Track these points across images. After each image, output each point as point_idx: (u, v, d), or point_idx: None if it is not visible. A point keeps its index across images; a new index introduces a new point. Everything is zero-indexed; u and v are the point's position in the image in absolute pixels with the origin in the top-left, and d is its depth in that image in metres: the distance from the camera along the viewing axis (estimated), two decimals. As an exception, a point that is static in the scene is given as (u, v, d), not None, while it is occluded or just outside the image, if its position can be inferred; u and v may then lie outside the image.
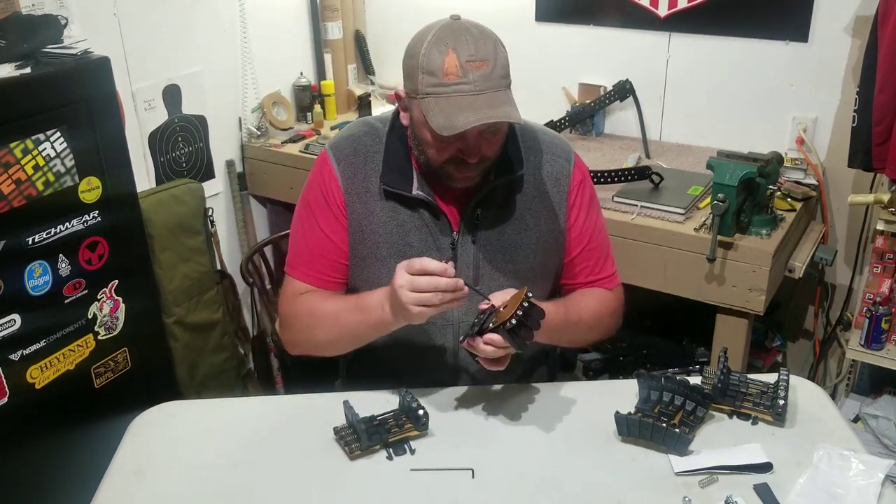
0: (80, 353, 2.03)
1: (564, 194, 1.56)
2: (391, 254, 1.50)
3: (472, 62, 1.31)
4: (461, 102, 1.31)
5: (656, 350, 2.70)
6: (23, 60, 1.90)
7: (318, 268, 1.54)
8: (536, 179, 1.54)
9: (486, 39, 1.35)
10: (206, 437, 1.46)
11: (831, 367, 2.75)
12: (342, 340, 1.52)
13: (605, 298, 1.63)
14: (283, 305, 1.57)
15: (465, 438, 1.40)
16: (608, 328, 1.65)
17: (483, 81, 1.32)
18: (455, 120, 1.30)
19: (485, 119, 1.30)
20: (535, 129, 1.60)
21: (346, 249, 1.54)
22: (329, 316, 1.49)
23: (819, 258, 2.37)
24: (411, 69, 1.37)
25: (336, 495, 1.30)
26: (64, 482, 1.99)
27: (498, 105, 1.32)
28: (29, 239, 1.85)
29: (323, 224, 1.53)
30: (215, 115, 2.75)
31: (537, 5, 2.82)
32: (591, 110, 2.74)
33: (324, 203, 1.53)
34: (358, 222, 1.52)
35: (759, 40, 2.49)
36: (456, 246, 1.50)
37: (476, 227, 1.50)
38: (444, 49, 1.32)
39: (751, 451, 1.33)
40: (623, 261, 2.26)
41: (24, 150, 1.82)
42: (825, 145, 2.50)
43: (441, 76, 1.32)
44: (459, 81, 1.31)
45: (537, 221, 1.54)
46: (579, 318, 1.55)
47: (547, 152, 1.56)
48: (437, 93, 1.32)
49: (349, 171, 1.52)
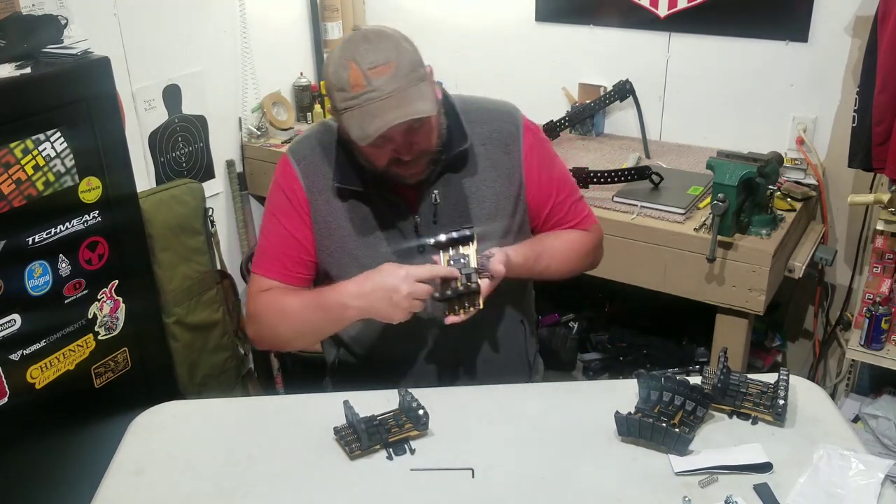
0: (81, 353, 2.03)
1: (518, 159, 1.59)
2: (358, 246, 1.54)
3: (373, 69, 1.35)
4: (372, 110, 1.35)
5: (656, 350, 2.70)
6: (23, 60, 1.90)
7: (281, 263, 1.58)
8: (487, 149, 1.57)
9: (384, 42, 1.38)
10: (206, 437, 1.46)
11: (831, 367, 2.75)
12: (304, 336, 1.58)
13: (579, 237, 1.68)
14: (249, 302, 1.60)
15: (465, 438, 1.40)
16: (587, 264, 1.72)
17: (389, 84, 1.35)
18: (368, 128, 1.35)
19: (392, 122, 1.34)
20: (476, 101, 1.63)
21: (311, 247, 1.57)
22: (291, 312, 1.53)
23: (819, 258, 2.37)
24: (328, 90, 1.42)
25: (336, 495, 1.30)
26: (64, 482, 1.99)
27: (408, 103, 1.36)
28: (29, 239, 1.85)
29: (286, 223, 1.56)
30: (215, 115, 2.75)
31: (537, 5, 2.82)
32: (591, 110, 2.74)
33: (287, 203, 1.56)
34: (323, 219, 1.55)
35: (759, 40, 2.49)
36: (419, 228, 1.53)
37: (436, 209, 1.53)
38: (347, 64, 1.36)
39: (751, 451, 1.32)
40: (623, 261, 2.27)
41: (25, 150, 1.82)
42: (825, 145, 2.50)
43: (349, 90, 1.36)
44: (366, 90, 1.35)
45: (493, 191, 1.57)
46: (550, 258, 1.61)
47: (493, 121, 1.59)
48: (350, 106, 1.36)
49: (309, 169, 1.55)
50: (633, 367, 2.60)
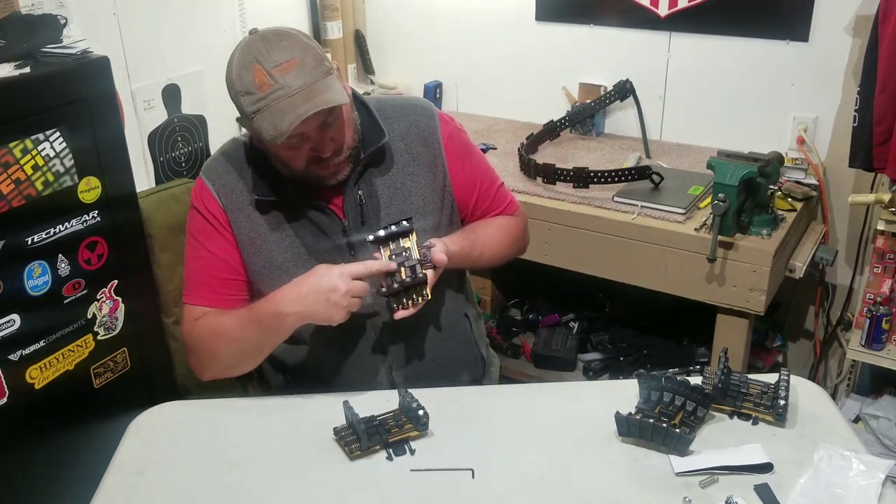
0: (80, 353, 2.02)
1: (438, 150, 1.59)
2: (287, 258, 1.52)
3: (278, 67, 1.34)
4: (281, 107, 1.33)
5: (656, 350, 2.70)
6: (22, 60, 1.89)
7: (210, 288, 1.55)
8: (406, 144, 1.57)
9: (285, 41, 1.38)
10: (206, 437, 1.46)
11: (832, 367, 2.75)
12: (245, 354, 1.53)
13: (508, 223, 1.70)
14: (185, 334, 1.57)
15: (465, 438, 1.40)
16: (518, 248, 1.76)
17: (296, 79, 1.34)
18: (280, 126, 1.33)
19: (305, 113, 1.33)
20: (391, 99, 1.64)
21: (238, 266, 1.54)
22: (226, 332, 1.49)
23: (819, 258, 2.37)
24: (233, 97, 1.40)
25: (336, 495, 1.30)
26: (64, 482, 1.98)
27: (317, 94, 1.35)
28: (28, 239, 1.85)
29: (209, 245, 1.54)
30: (215, 115, 2.75)
31: (537, 5, 2.82)
32: (591, 110, 2.74)
33: (207, 225, 1.54)
34: (247, 235, 1.52)
35: (760, 40, 2.49)
36: (348, 232, 1.52)
37: (362, 209, 1.52)
38: (250, 66, 1.35)
39: (751, 451, 1.32)
40: (623, 261, 2.27)
41: (24, 149, 1.81)
42: (826, 145, 2.50)
43: (256, 91, 1.35)
44: (274, 89, 1.34)
45: (418, 185, 1.56)
46: (484, 245, 1.63)
47: (409, 115, 1.59)
48: (259, 108, 1.35)
49: (225, 188, 1.53)
50: (633, 367, 2.60)
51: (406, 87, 3.07)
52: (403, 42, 3.11)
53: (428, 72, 3.08)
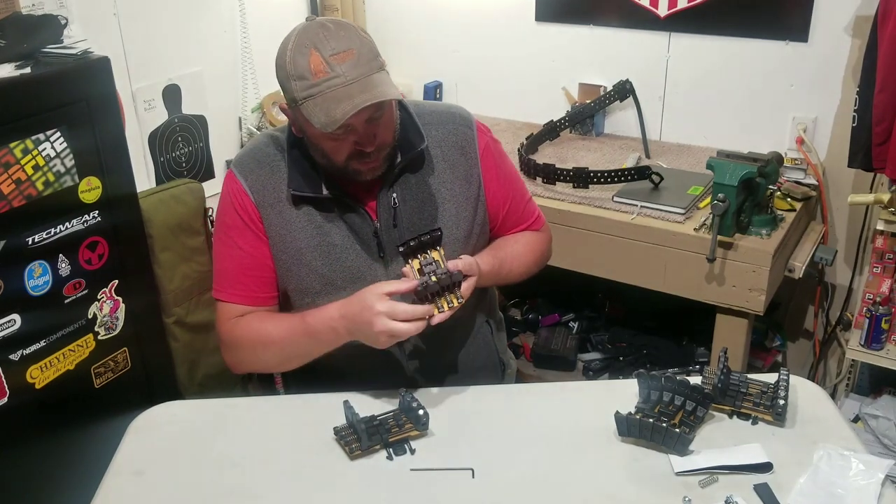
0: (80, 353, 2.02)
1: (475, 160, 1.58)
2: (315, 257, 1.51)
3: (336, 55, 1.33)
4: (336, 95, 1.33)
5: (656, 350, 2.70)
6: (23, 60, 1.90)
7: (245, 286, 1.55)
8: (444, 152, 1.56)
9: (344, 30, 1.37)
10: (206, 437, 1.46)
11: (831, 367, 2.75)
12: (292, 361, 1.54)
13: (535, 239, 1.70)
14: (223, 330, 1.56)
15: (465, 438, 1.40)
16: (542, 264, 1.75)
17: (352, 70, 1.33)
18: (334, 113, 1.32)
19: (361, 104, 1.32)
20: (430, 105, 1.63)
21: (269, 263, 1.54)
22: (277, 341, 1.50)
23: (819, 258, 2.37)
24: (283, 81, 1.39)
25: (336, 495, 1.30)
26: (64, 482, 1.99)
27: (372, 87, 1.34)
28: (29, 239, 1.85)
29: (242, 243, 1.53)
30: (215, 115, 2.75)
31: (537, 5, 2.82)
32: (591, 110, 2.74)
33: (239, 221, 1.53)
34: (277, 232, 1.52)
35: (759, 40, 2.49)
36: (379, 234, 1.51)
37: (395, 212, 1.52)
38: (307, 51, 1.34)
39: (751, 451, 1.32)
40: (623, 261, 2.27)
41: (24, 150, 1.81)
42: (825, 145, 2.50)
43: (311, 77, 1.33)
44: (329, 77, 1.33)
45: (453, 193, 1.56)
46: (512, 262, 1.63)
47: (447, 123, 1.58)
48: (312, 94, 1.34)
49: (258, 183, 1.52)
50: (633, 367, 2.60)
51: (406, 87, 3.07)
52: (403, 42, 3.10)
53: (428, 72, 3.08)
